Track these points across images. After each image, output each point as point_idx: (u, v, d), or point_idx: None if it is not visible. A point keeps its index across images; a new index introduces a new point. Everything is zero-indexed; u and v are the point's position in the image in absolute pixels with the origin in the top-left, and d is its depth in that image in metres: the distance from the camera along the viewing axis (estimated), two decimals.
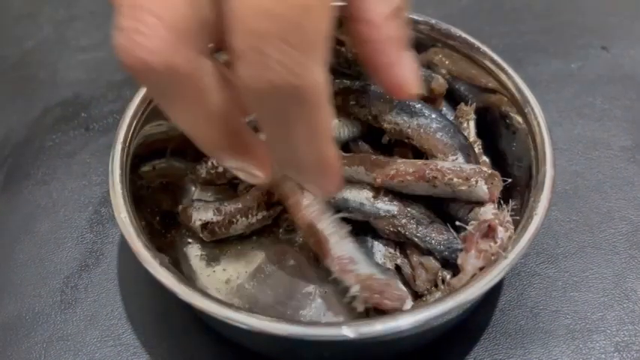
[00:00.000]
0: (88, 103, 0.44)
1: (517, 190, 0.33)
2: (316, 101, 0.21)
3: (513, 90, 0.34)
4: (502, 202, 0.30)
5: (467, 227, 0.29)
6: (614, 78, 0.45)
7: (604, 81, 0.45)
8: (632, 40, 0.48)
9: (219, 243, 0.34)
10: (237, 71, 0.20)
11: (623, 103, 0.43)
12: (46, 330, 0.33)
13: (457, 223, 0.30)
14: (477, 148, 0.35)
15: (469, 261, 0.28)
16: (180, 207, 0.34)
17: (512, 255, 0.27)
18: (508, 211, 0.29)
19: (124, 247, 0.35)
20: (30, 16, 0.52)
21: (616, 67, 0.46)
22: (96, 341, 0.32)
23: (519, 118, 0.33)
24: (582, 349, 0.31)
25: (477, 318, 0.32)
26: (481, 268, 0.28)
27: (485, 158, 0.35)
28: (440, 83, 0.35)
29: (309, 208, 0.31)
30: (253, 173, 0.25)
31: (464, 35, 0.36)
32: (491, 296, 0.33)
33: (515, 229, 0.29)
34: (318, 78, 0.20)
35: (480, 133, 0.36)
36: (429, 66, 0.37)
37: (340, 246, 0.30)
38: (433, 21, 0.36)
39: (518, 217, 0.29)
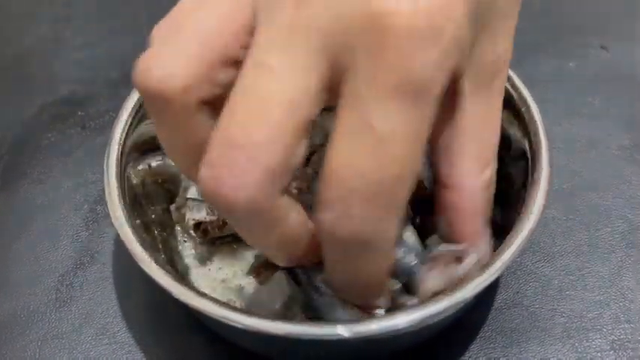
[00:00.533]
0: (84, 102, 0.44)
1: (513, 189, 0.33)
2: (384, 251, 0.23)
3: (509, 88, 0.33)
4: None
5: (438, 248, 0.28)
6: (613, 77, 0.45)
7: (603, 80, 0.44)
8: (632, 39, 0.47)
9: (215, 242, 0.34)
10: (319, 214, 0.21)
11: (621, 102, 0.43)
12: (41, 328, 0.33)
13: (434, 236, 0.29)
14: None
15: (430, 281, 0.28)
16: (174, 205, 0.34)
17: (509, 254, 0.27)
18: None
19: (120, 245, 0.35)
20: (27, 14, 0.52)
21: (615, 67, 0.45)
22: (91, 339, 0.32)
23: (516, 117, 0.33)
24: (578, 348, 0.31)
25: (472, 317, 0.32)
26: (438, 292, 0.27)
27: None
28: None
29: None
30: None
31: None
32: (487, 295, 0.33)
33: (511, 228, 0.28)
34: (391, 234, 0.22)
35: None
36: None
37: None
38: None
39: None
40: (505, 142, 0.34)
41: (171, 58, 0.21)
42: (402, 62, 0.19)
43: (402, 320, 0.25)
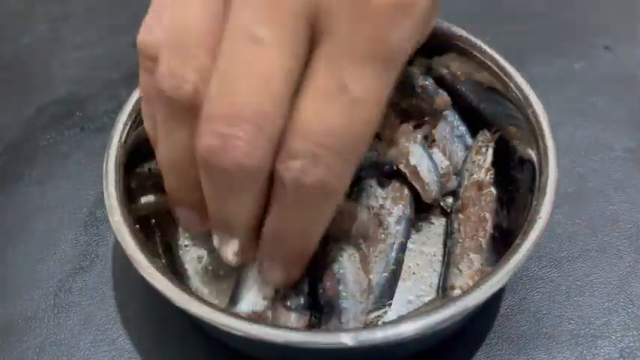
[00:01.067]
0: (83, 102, 0.44)
1: (519, 193, 0.32)
2: (337, 199, 0.25)
3: (515, 90, 0.33)
4: None
5: None
6: (618, 78, 0.44)
7: (607, 81, 0.44)
8: (636, 40, 0.47)
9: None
10: (284, 165, 0.22)
11: (626, 103, 0.43)
12: (39, 334, 0.32)
13: None
14: (489, 176, 0.34)
15: None
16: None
17: (516, 260, 0.26)
18: None
19: (119, 249, 0.35)
20: (25, 13, 0.51)
21: (619, 67, 0.45)
22: (90, 346, 0.32)
23: (522, 119, 0.33)
24: (586, 355, 0.31)
25: (478, 323, 0.31)
26: None
27: (493, 189, 0.34)
28: (444, 100, 0.35)
29: None
30: None
31: (465, 35, 0.35)
32: (493, 301, 0.32)
33: (517, 232, 0.28)
34: (348, 182, 0.24)
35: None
36: (430, 67, 0.37)
37: None
38: None
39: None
40: (511, 145, 0.34)
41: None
42: (379, 32, 0.21)
43: (407, 328, 0.25)
